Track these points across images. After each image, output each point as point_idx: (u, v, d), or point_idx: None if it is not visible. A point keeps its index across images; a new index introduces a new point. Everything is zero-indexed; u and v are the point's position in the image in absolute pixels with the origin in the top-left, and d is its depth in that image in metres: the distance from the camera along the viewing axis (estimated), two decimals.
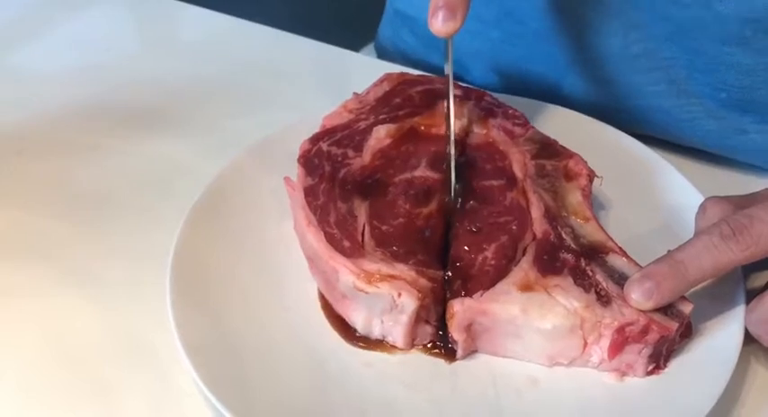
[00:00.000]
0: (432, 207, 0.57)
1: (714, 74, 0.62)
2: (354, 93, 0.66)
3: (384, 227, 0.56)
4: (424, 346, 0.54)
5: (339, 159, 0.60)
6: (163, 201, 0.64)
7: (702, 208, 0.55)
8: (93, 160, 0.69)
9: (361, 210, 0.57)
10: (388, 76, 0.66)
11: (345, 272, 0.52)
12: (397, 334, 0.53)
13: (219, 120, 0.73)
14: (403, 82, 0.65)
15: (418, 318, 0.52)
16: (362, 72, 0.70)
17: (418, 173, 0.59)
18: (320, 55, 0.80)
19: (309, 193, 0.57)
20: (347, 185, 0.58)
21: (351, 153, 0.60)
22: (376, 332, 0.54)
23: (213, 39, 0.84)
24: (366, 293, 0.51)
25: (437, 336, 0.54)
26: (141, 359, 0.55)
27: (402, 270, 0.52)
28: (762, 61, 0.60)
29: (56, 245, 0.62)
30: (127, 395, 0.53)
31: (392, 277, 0.52)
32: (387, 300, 0.51)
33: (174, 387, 0.53)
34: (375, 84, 0.66)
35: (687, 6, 0.60)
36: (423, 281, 0.52)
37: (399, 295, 0.51)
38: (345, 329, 0.55)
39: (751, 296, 0.53)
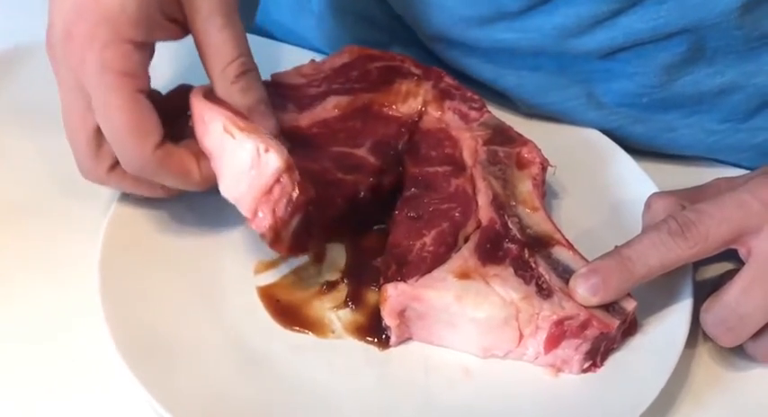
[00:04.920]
0: (358, 177, 0.55)
1: (630, 80, 0.61)
2: (312, 60, 0.64)
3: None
4: (358, 332, 0.52)
5: (274, 105, 0.56)
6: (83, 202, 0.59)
7: (648, 203, 0.54)
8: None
9: None
10: (349, 48, 0.64)
11: (219, 118, 0.50)
12: (249, 198, 0.49)
13: None
14: (363, 56, 0.63)
15: (294, 209, 0.49)
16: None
17: (359, 152, 0.57)
18: None
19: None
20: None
21: (291, 106, 0.58)
22: (244, 204, 0.50)
23: None
24: (233, 138, 0.49)
25: (317, 267, 0.52)
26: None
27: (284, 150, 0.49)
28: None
29: None
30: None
31: (268, 137, 0.49)
32: (251, 153, 0.49)
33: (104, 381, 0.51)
34: (334, 55, 0.64)
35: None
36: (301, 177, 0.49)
37: (267, 150, 0.48)
38: (280, 310, 0.53)
39: (700, 289, 0.52)
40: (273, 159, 0.48)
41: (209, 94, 0.52)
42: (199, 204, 0.56)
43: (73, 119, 0.51)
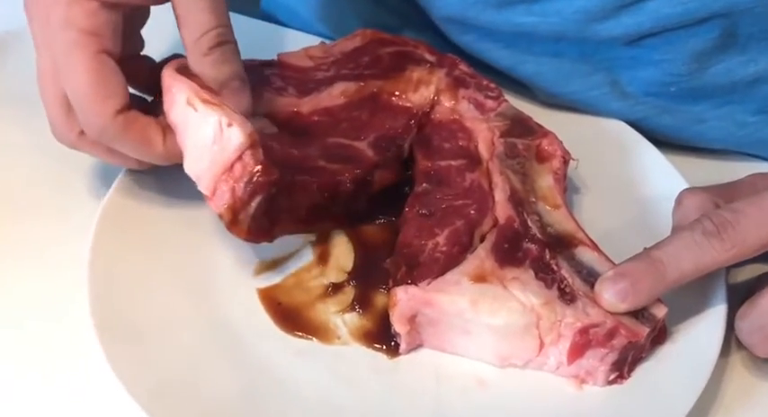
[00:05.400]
0: (343, 168, 0.53)
1: (657, 67, 0.59)
2: (321, 42, 0.62)
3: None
4: (366, 338, 0.50)
5: (273, 87, 0.55)
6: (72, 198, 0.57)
7: (679, 200, 0.52)
8: None
9: (258, 123, 0.52)
10: (361, 32, 0.62)
11: (184, 90, 0.48)
12: (210, 174, 0.48)
13: None
14: (376, 40, 0.61)
15: (254, 190, 0.47)
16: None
17: (358, 145, 0.55)
18: None
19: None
20: (265, 109, 0.54)
21: (292, 90, 0.56)
22: (204, 180, 0.48)
23: None
24: (196, 111, 0.48)
25: (322, 268, 0.51)
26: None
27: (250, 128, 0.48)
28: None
29: None
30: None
31: (233, 111, 0.48)
32: (214, 128, 0.47)
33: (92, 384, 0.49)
34: (346, 38, 0.62)
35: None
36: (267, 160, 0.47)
37: (230, 124, 0.47)
38: (281, 314, 0.51)
39: (734, 293, 0.50)
40: (236, 134, 0.47)
41: (184, 68, 0.50)
42: (198, 197, 0.53)
43: (44, 80, 0.50)
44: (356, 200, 0.54)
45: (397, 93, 0.58)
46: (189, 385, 0.46)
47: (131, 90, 0.53)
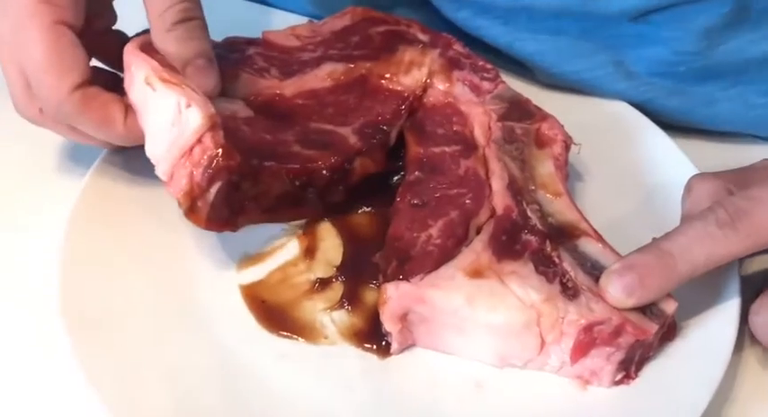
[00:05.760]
0: (320, 154, 0.51)
1: (664, 45, 0.57)
2: (309, 20, 0.60)
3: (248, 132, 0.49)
4: (355, 337, 0.48)
5: (254, 68, 0.53)
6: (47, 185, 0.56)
7: (688, 187, 0.50)
8: None
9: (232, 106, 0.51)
10: (351, 10, 0.60)
11: (143, 68, 0.47)
12: (169, 157, 0.46)
13: None
14: (367, 19, 0.59)
15: (213, 175, 0.45)
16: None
17: (341, 131, 0.52)
18: None
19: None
20: (243, 92, 0.52)
21: (274, 72, 0.54)
22: (162, 164, 0.47)
23: None
24: (153, 90, 0.46)
25: (308, 262, 0.50)
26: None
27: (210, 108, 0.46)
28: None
29: None
30: None
31: (193, 91, 0.46)
32: (172, 109, 0.46)
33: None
34: (335, 16, 0.60)
35: None
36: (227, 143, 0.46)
37: (188, 105, 0.45)
38: (265, 313, 0.48)
39: (748, 286, 0.49)
40: (195, 116, 0.45)
41: (148, 45, 0.49)
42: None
43: (3, 51, 0.48)
44: (333, 190, 0.51)
45: (387, 75, 0.56)
46: (165, 391, 0.44)
47: (105, 66, 0.52)
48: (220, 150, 0.45)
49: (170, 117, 0.45)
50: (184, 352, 0.46)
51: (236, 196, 0.47)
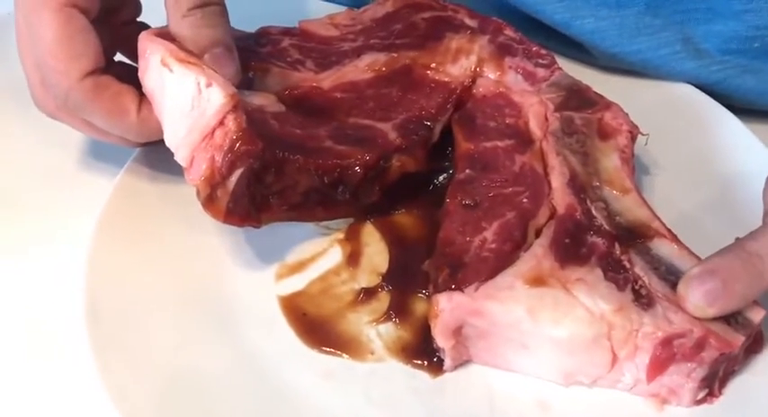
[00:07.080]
0: (353, 151, 0.48)
1: (738, 20, 0.54)
2: (348, 9, 0.57)
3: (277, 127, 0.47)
4: (404, 353, 0.44)
5: (287, 60, 0.51)
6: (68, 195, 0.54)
7: None
8: None
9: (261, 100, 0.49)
10: None
11: (157, 50, 0.45)
12: (188, 141, 0.44)
13: None
14: (410, 5, 0.57)
15: (234, 160, 0.43)
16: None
17: (381, 126, 0.50)
18: None
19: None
20: (274, 86, 0.50)
21: (310, 64, 0.52)
22: (182, 150, 0.45)
23: None
24: (171, 71, 0.45)
25: (352, 270, 0.47)
26: None
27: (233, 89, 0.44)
28: None
29: None
30: None
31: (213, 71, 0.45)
32: (191, 89, 0.44)
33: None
34: (376, 2, 0.58)
35: None
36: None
37: (209, 84, 0.43)
38: (306, 327, 0.45)
39: None
40: (216, 95, 0.43)
41: (166, 34, 0.47)
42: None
43: (21, 43, 0.48)
44: (368, 190, 0.49)
45: (433, 65, 0.54)
46: (198, 413, 0.41)
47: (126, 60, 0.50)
48: (242, 133, 0.43)
49: (189, 99, 0.44)
50: (219, 370, 0.43)
51: (258, 189, 0.45)
